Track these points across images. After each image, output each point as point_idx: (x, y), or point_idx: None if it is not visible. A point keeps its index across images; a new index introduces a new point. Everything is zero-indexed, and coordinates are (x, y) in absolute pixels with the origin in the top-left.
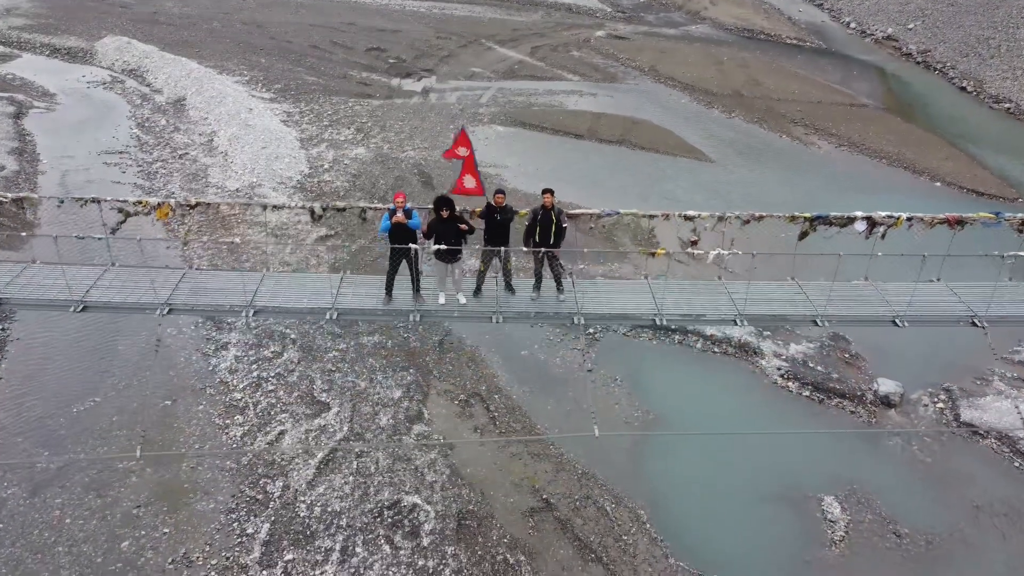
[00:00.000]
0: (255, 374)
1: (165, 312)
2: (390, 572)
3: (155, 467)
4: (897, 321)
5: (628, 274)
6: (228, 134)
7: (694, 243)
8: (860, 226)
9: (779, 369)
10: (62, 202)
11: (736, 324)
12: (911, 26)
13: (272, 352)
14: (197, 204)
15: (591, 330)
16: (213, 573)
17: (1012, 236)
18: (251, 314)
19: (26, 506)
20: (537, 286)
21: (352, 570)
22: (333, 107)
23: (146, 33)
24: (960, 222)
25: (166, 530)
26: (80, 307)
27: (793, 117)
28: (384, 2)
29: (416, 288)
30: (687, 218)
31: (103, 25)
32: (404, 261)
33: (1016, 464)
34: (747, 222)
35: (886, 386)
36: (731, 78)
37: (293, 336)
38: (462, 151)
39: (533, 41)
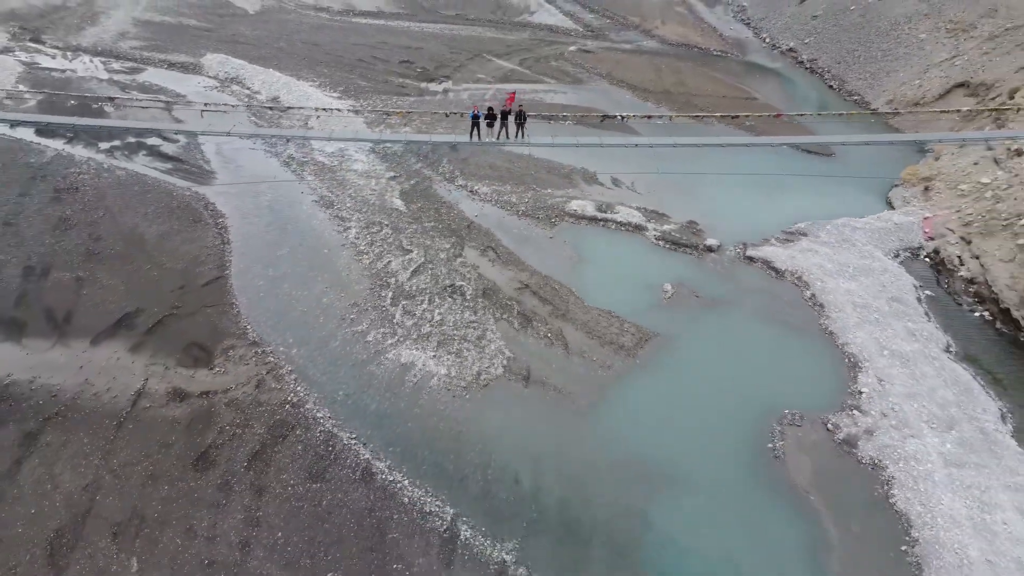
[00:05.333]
0: (368, 239)
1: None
2: (452, 310)
3: (327, 272)
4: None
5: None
6: (317, 119)
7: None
8: (620, 119)
9: (655, 236)
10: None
11: (576, 147)
12: (807, 41)
13: (376, 229)
14: (409, 112)
15: (553, 221)
16: (370, 308)
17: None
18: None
19: (269, 284)
20: (516, 136)
21: (434, 306)
22: (383, 102)
23: (233, 51)
24: (650, 117)
25: (342, 294)
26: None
27: (703, 107)
28: (407, 25)
29: (479, 137)
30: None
31: (199, 45)
32: (475, 128)
33: (769, 273)
34: (584, 116)
35: (711, 241)
36: (664, 80)
37: (386, 223)
38: (513, 94)
39: (522, 55)
